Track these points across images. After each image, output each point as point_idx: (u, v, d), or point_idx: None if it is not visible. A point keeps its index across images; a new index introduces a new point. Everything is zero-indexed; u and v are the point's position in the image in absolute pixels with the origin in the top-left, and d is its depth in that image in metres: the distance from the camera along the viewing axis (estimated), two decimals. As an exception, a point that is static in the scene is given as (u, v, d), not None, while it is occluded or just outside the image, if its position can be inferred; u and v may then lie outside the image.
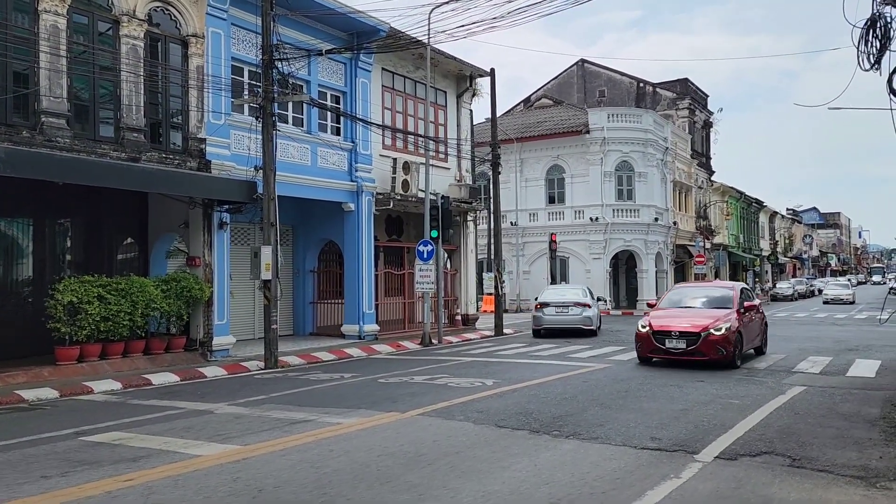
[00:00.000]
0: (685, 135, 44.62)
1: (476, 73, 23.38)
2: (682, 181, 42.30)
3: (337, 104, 18.83)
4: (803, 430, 7.65)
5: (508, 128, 37.89)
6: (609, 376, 11.96)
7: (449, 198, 20.76)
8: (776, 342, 18.35)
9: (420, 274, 18.71)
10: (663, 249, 37.88)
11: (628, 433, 7.50)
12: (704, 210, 45.98)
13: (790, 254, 78.27)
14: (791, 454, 6.64)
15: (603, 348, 16.81)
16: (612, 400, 9.56)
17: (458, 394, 10.05)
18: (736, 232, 55.81)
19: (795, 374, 12.21)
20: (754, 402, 9.36)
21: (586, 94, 48.13)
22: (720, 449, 6.82)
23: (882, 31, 7.06)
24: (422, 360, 15.06)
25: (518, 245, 37.00)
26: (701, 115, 49.92)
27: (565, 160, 36.57)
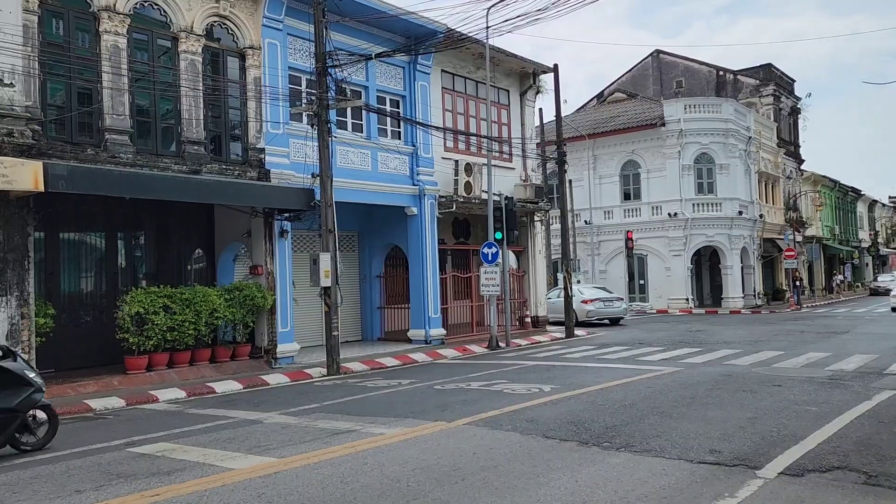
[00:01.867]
0: (770, 123, 42.47)
1: (539, 69, 22.87)
2: (768, 172, 40.27)
3: (396, 108, 18.75)
4: (886, 442, 6.91)
5: (581, 124, 37.11)
6: (677, 381, 11.30)
7: (513, 198, 20.33)
8: (870, 340, 17.10)
9: (485, 277, 18.39)
10: (749, 244, 36.12)
11: (686, 445, 6.95)
12: (794, 201, 43.63)
13: (893, 245, 73.46)
14: (867, 469, 5.97)
15: (676, 350, 16.01)
16: (675, 408, 8.97)
17: (511, 401, 9.68)
18: (831, 223, 52.78)
19: (887, 377, 11.21)
20: (834, 409, 8.58)
21: (662, 85, 46.54)
22: (786, 464, 6.20)
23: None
24: (485, 364, 14.74)
25: (593, 244, 36.10)
26: (787, 102, 47.43)
27: (640, 155, 35.43)
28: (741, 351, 15.44)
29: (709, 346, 16.63)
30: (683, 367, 13.11)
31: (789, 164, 45.40)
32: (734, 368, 12.64)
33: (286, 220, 15.20)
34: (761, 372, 12.07)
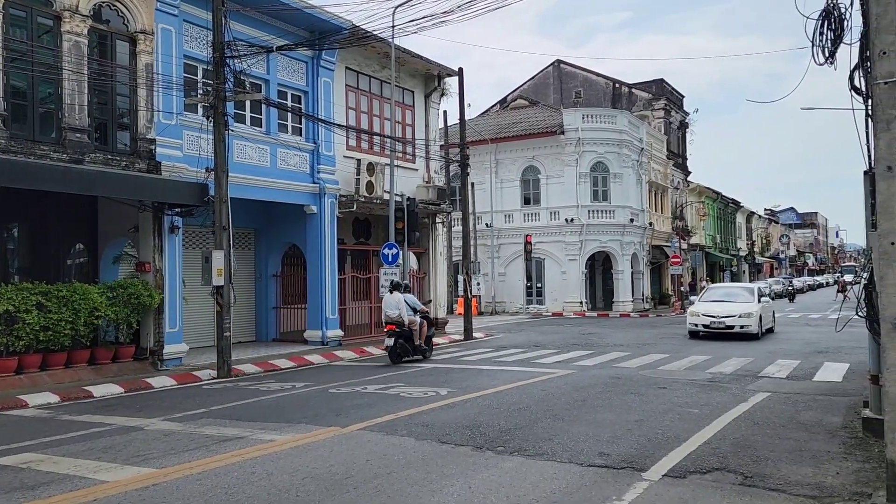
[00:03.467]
0: (661, 135, 44.50)
1: (444, 72, 22.96)
2: (657, 182, 42.15)
3: (298, 104, 18.32)
4: (760, 443, 7.29)
5: (484, 128, 37.56)
6: (570, 384, 11.56)
7: (415, 199, 20.30)
8: (747, 344, 18.10)
9: (385, 278, 18.23)
10: (639, 250, 37.67)
11: (577, 448, 7.09)
12: (681, 210, 45.86)
13: (767, 254, 78.59)
14: (744, 471, 6.26)
15: (569, 352, 16.42)
16: (567, 410, 9.16)
17: (407, 405, 9.60)
18: (713, 232, 55.84)
19: (761, 380, 11.90)
20: (714, 411, 9.01)
21: (562, 94, 47.86)
22: (670, 465, 6.43)
23: (837, 24, 6.73)
24: (382, 366, 14.59)
25: (493, 247, 36.61)
26: (677, 116, 49.84)
27: (540, 161, 36.25)
28: (630, 354, 16.01)
29: (600, 349, 17.16)
30: (576, 369, 13.44)
31: (677, 176, 47.70)
32: (623, 371, 13.08)
33: (177, 216, 14.51)
34: (648, 374, 12.55)
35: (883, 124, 5.61)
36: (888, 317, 5.41)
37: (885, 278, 5.48)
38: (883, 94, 5.63)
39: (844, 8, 6.75)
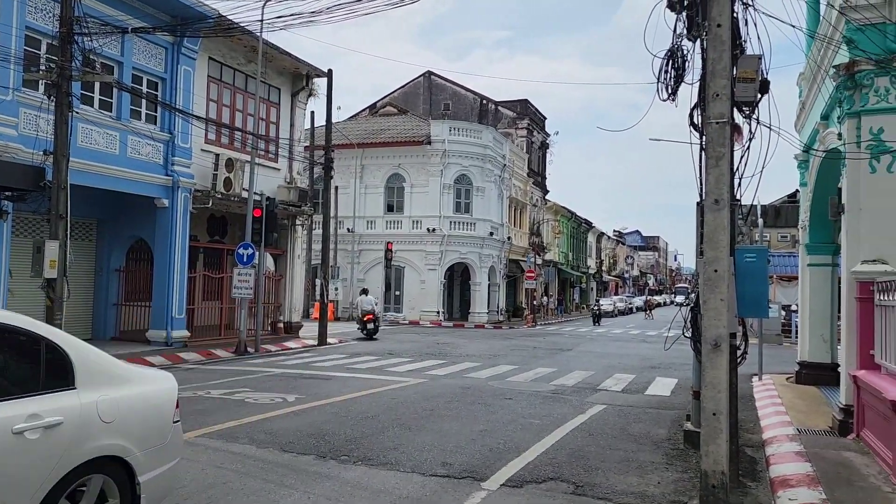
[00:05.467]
0: (523, 154, 46.17)
1: (314, 72, 22.59)
2: (517, 198, 43.66)
3: (155, 91, 17.34)
4: (593, 453, 7.68)
5: (352, 132, 37.32)
6: (420, 393, 11.66)
7: (276, 200, 19.81)
8: (589, 358, 19.08)
9: (238, 278, 17.62)
10: (497, 263, 38.80)
11: (420, 458, 7.15)
12: (538, 227, 47.71)
13: (614, 273, 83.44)
14: (576, 480, 6.56)
15: (423, 362, 16.58)
16: (415, 420, 9.22)
17: (252, 411, 9.29)
18: (566, 250, 58.51)
19: (599, 392, 12.55)
20: (554, 422, 9.39)
21: (432, 105, 48.55)
22: (509, 475, 6.62)
23: (679, 63, 7.28)
24: (229, 370, 14.05)
25: (354, 252, 36.40)
26: (539, 136, 51.91)
27: (406, 169, 36.51)
28: (481, 364, 16.41)
29: (453, 359, 17.46)
30: (428, 378, 13.58)
31: (536, 193, 49.65)
32: (473, 381, 13.37)
33: (7, 200, 13.27)
34: (496, 385, 12.90)
35: (713, 160, 6.11)
36: (708, 338, 5.87)
37: (707, 302, 5.95)
38: (714, 133, 6.13)
39: (687, 50, 7.31)
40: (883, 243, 8.47)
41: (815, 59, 11.21)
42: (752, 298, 6.82)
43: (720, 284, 5.90)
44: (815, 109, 11.72)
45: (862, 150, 8.66)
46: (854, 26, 8.65)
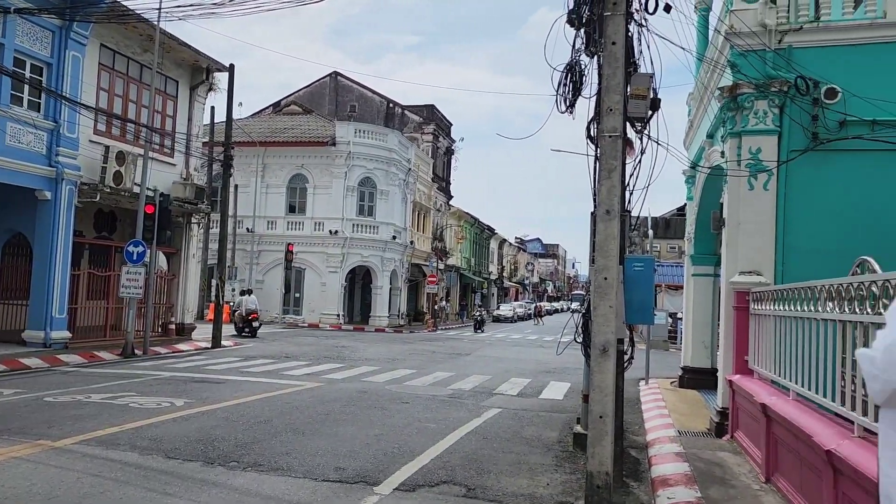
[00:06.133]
0: (428, 159, 46.42)
1: (214, 66, 21.88)
2: (421, 203, 43.84)
3: (39, 76, 16.30)
4: (486, 456, 7.79)
5: (254, 130, 36.42)
6: (316, 397, 11.49)
7: (170, 196, 19.05)
8: (487, 362, 19.37)
9: (127, 277, 16.81)
10: (399, 267, 38.80)
11: (313, 463, 7.03)
12: (441, 232, 48.08)
13: (514, 279, 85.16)
14: (468, 483, 6.63)
15: (320, 365, 16.35)
16: (310, 424, 9.08)
17: (135, 416, 8.87)
18: (468, 255, 59.24)
19: (495, 396, 12.76)
20: (450, 426, 9.46)
21: (338, 106, 48.08)
22: (402, 479, 6.61)
23: (577, 78, 7.53)
24: (114, 373, 13.37)
25: (253, 253, 35.50)
26: (444, 142, 52.36)
27: (309, 170, 35.97)
28: (380, 368, 16.34)
29: (351, 363, 17.31)
30: (325, 382, 13.40)
31: (440, 199, 50.02)
32: (371, 385, 13.29)
33: None
34: (394, 389, 12.88)
35: (605, 172, 6.35)
36: (597, 343, 6.09)
37: (597, 309, 6.16)
38: (607, 146, 6.37)
39: (585, 65, 7.57)
40: (758, 256, 9.04)
41: (703, 81, 11.86)
42: (639, 306, 7.12)
43: (609, 292, 6.13)
44: (702, 128, 12.39)
45: (742, 168, 9.23)
46: (738, 51, 9.21)
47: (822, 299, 5.36)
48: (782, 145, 9.12)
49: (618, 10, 6.38)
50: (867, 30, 9.01)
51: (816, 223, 8.97)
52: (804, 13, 9.24)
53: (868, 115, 8.70)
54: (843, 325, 4.84)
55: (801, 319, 6.02)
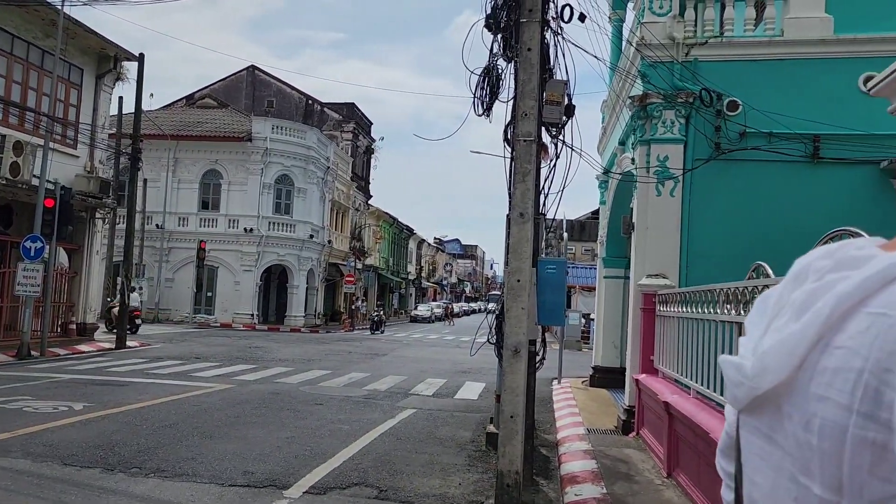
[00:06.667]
0: (347, 157, 46.01)
1: (123, 55, 20.97)
2: (340, 201, 43.41)
3: (-73, 58, 15.23)
4: (399, 457, 7.78)
5: (165, 123, 35.11)
6: (227, 399, 11.18)
7: (72, 190, 18.14)
8: (403, 363, 19.36)
9: (24, 274, 15.90)
10: (316, 267, 38.28)
11: (221, 467, 6.84)
12: (359, 232, 47.75)
13: (433, 279, 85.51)
14: (380, 484, 6.61)
15: (232, 366, 15.93)
16: (218, 427, 8.83)
17: (30, 421, 8.41)
18: (387, 255, 59.07)
19: (410, 397, 12.76)
20: (363, 427, 9.40)
21: (255, 101, 46.99)
22: (312, 482, 6.53)
23: (494, 81, 7.63)
24: (7, 376, 12.61)
25: (163, 250, 34.24)
26: (364, 141, 52.03)
27: (224, 166, 35.00)
28: (293, 369, 16.07)
29: (264, 364, 16.95)
30: (236, 384, 13.06)
31: (359, 198, 49.67)
32: (283, 387, 13.05)
33: None
34: (307, 391, 12.69)
35: (520, 176, 6.45)
36: (509, 344, 6.18)
37: (510, 310, 6.25)
38: (522, 150, 6.48)
39: (502, 70, 7.67)
40: (664, 259, 9.40)
41: (616, 90, 12.24)
42: (551, 307, 7.27)
43: (522, 293, 6.23)
44: (614, 135, 12.79)
45: (650, 175, 9.57)
46: (648, 62, 9.55)
47: (721, 302, 5.62)
48: (688, 154, 9.52)
49: (534, 17, 6.50)
50: (766, 47, 9.52)
51: (718, 229, 9.40)
52: (710, 28, 9.67)
53: (766, 128, 9.19)
54: (740, 327, 5.09)
55: (701, 321, 6.29)
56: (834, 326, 0.67)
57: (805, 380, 0.69)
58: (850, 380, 0.63)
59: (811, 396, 0.68)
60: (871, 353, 0.62)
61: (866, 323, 0.64)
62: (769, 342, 0.71)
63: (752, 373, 0.73)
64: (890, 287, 0.64)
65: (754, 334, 0.77)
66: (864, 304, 0.65)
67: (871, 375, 0.61)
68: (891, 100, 3.22)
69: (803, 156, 9.33)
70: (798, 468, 0.69)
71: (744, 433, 0.79)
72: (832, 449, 0.64)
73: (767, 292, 0.82)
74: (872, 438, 0.60)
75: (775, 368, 0.71)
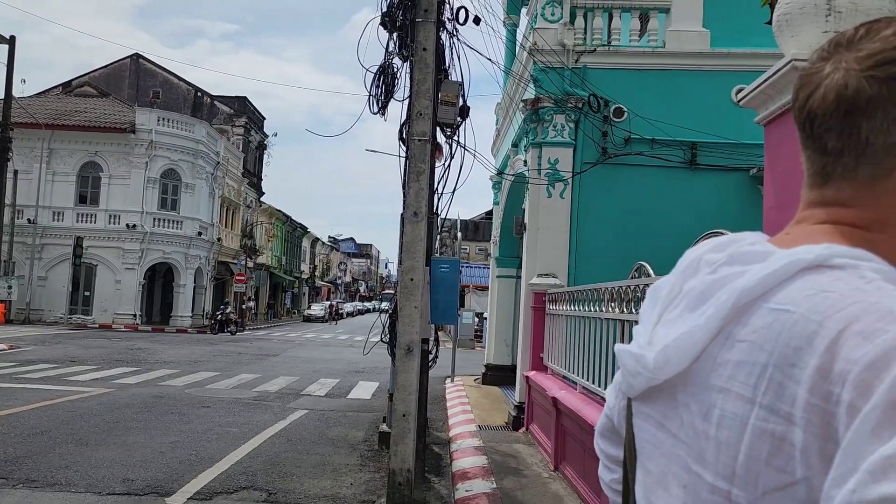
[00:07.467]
0: (238, 153, 44.65)
1: (-10, 36, 19.50)
2: (230, 198, 42.07)
3: None
4: (290, 459, 7.62)
5: (39, 111, 32.90)
6: (105, 404, 10.59)
7: (-70, 179, 16.67)
8: (296, 363, 19.00)
9: None
10: (204, 265, 36.93)
11: (98, 476, 6.47)
12: (251, 229, 46.44)
13: (327, 278, 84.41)
14: (269, 487, 6.45)
15: (112, 369, 15.12)
16: (96, 434, 8.35)
17: None
18: (279, 254, 57.77)
19: (302, 398, 12.54)
20: (253, 430, 9.16)
21: (139, 91, 44.77)
22: (198, 488, 6.29)
23: (390, 80, 7.62)
24: None
25: (35, 246, 32.02)
26: (256, 136, 50.69)
27: (105, 158, 33.14)
28: (179, 371, 15.43)
29: (147, 366, 16.18)
30: (115, 387, 12.40)
31: (251, 195, 48.33)
32: (168, 390, 12.51)
33: None
34: (194, 393, 12.22)
35: (414, 175, 6.47)
36: (402, 343, 6.19)
37: (403, 309, 6.26)
38: (416, 150, 6.50)
39: (398, 69, 7.67)
40: (554, 259, 9.69)
41: (510, 93, 12.51)
42: (444, 306, 7.33)
43: (415, 292, 6.26)
44: (508, 137, 13.05)
45: (541, 177, 9.84)
46: (540, 67, 9.82)
47: (606, 300, 5.85)
48: (577, 157, 9.86)
49: (429, 17, 6.54)
50: (650, 57, 10.00)
51: (605, 230, 9.79)
52: (598, 37, 10.05)
53: (649, 135, 9.66)
54: (623, 324, 5.32)
55: (588, 319, 6.52)
56: (735, 320, 0.69)
57: (704, 371, 0.71)
58: (754, 373, 0.66)
59: (711, 387, 0.70)
60: (775, 348, 0.64)
61: (770, 318, 0.66)
62: (672, 335, 0.73)
63: (654, 364, 0.74)
64: (792, 283, 0.67)
65: (648, 324, 0.80)
66: (766, 299, 0.68)
67: (776, 369, 0.63)
68: (758, 111, 3.45)
69: (682, 162, 9.87)
70: (692, 456, 0.71)
71: (637, 421, 0.81)
72: (730, 439, 0.66)
73: (658, 283, 0.84)
74: (772, 430, 0.62)
75: (677, 361, 0.73)
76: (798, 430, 0.60)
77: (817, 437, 0.59)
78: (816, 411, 0.59)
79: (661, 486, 0.75)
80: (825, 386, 0.59)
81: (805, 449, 0.60)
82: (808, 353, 0.61)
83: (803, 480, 0.59)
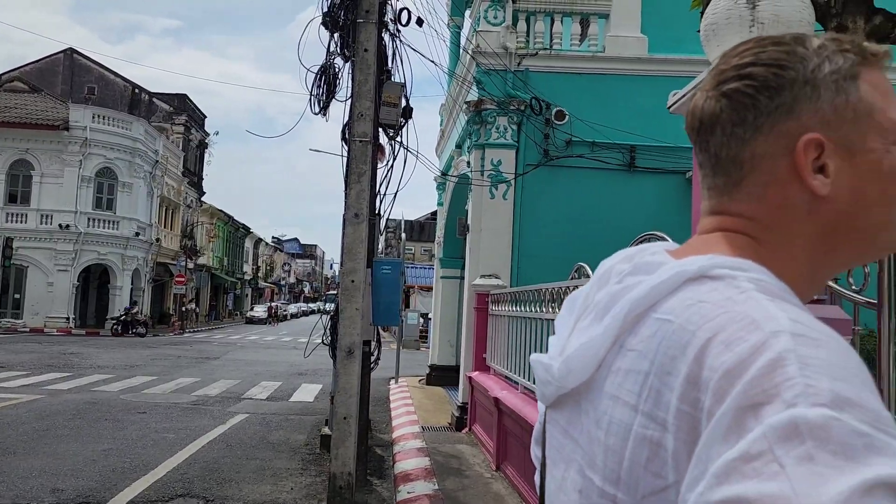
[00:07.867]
0: (178, 151, 43.60)
1: (-89, 26, 18.56)
2: (170, 198, 41.05)
3: None
4: (229, 465, 7.48)
5: (-36, 105, 31.47)
6: (34, 411, 10.20)
7: None
8: (237, 366, 18.66)
9: None
10: (142, 266, 35.94)
11: (25, 487, 6.23)
12: (191, 230, 45.40)
13: (270, 279, 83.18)
14: (207, 494, 6.32)
15: (42, 375, 14.57)
16: (24, 442, 8.03)
17: None
18: (221, 254, 56.65)
19: (243, 402, 12.31)
20: (190, 435, 8.95)
21: (73, 87, 43.25)
22: (131, 496, 6.12)
23: (331, 80, 7.55)
24: None
25: (-40, 247, 30.62)
26: (197, 135, 49.60)
27: (36, 156, 31.94)
28: (114, 376, 14.97)
29: (80, 371, 15.65)
30: (46, 393, 11.95)
31: (191, 194, 47.24)
32: (102, 395, 12.13)
33: None
34: (129, 399, 11.87)
35: (355, 176, 6.43)
36: (344, 345, 6.14)
37: (344, 311, 6.22)
38: (357, 151, 6.47)
39: (339, 69, 7.61)
40: (497, 260, 9.76)
41: (454, 94, 12.55)
42: (386, 307, 7.30)
43: (357, 294, 6.22)
44: (452, 138, 13.10)
45: (484, 179, 9.91)
46: (483, 70, 9.88)
47: (547, 301, 5.92)
48: (519, 159, 9.96)
49: (370, 17, 6.51)
50: (590, 61, 10.17)
51: (547, 231, 9.91)
52: (540, 41, 10.18)
53: (589, 137, 9.82)
54: (561, 325, 5.38)
55: (529, 319, 6.59)
56: (629, 329, 0.71)
57: (601, 379, 0.73)
58: (638, 381, 0.68)
59: (605, 395, 0.72)
60: (656, 357, 0.66)
61: (655, 328, 0.68)
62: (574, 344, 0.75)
63: (558, 374, 0.76)
64: (677, 293, 0.69)
65: (563, 333, 0.81)
66: (654, 310, 0.70)
67: (655, 377, 0.65)
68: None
69: (622, 164, 10.08)
70: (586, 461, 0.73)
71: (549, 427, 0.83)
72: (616, 445, 0.68)
73: (575, 293, 0.86)
74: (650, 436, 0.64)
75: (579, 370, 0.74)
76: (670, 436, 0.62)
77: (686, 443, 0.60)
78: (686, 418, 0.61)
79: (562, 491, 0.77)
80: (693, 393, 0.61)
81: (675, 454, 0.61)
82: (681, 362, 0.63)
83: (674, 485, 0.61)
